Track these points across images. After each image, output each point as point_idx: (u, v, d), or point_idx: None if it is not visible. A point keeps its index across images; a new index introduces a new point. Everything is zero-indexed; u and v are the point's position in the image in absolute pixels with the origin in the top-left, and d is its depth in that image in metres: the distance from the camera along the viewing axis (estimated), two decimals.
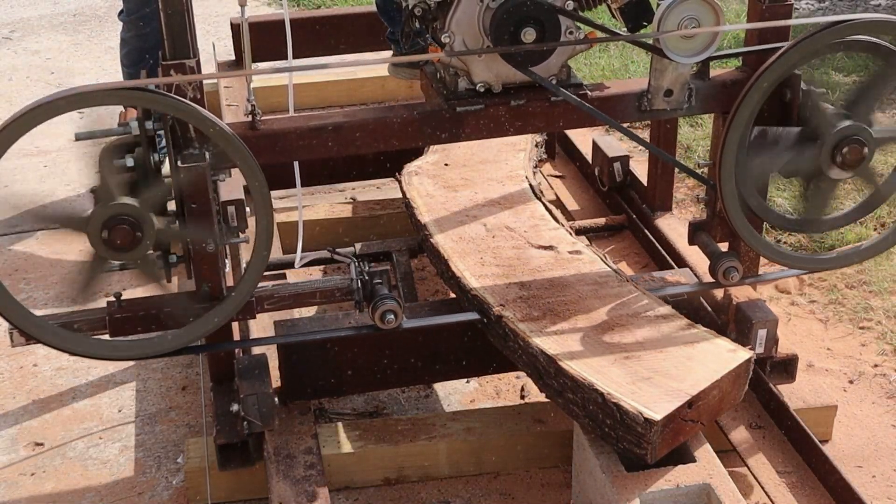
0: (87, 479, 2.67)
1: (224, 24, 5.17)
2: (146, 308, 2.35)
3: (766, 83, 2.37)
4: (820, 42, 2.35)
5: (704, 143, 4.01)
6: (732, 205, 2.48)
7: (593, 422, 2.29)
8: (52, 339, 2.28)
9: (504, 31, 2.32)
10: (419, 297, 3.12)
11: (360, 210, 3.57)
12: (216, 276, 2.33)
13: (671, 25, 2.34)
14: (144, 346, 2.35)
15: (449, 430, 2.62)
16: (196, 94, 2.25)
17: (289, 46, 2.60)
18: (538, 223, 2.91)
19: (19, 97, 4.81)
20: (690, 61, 2.42)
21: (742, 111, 2.39)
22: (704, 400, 2.29)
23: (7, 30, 5.63)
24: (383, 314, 2.40)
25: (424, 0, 2.43)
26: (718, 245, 2.71)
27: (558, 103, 2.46)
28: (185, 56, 2.23)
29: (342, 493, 2.59)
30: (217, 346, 2.52)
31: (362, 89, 4.53)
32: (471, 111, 2.44)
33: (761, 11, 2.53)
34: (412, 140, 2.47)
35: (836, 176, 2.45)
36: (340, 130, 2.39)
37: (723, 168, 2.44)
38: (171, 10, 2.19)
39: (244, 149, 2.21)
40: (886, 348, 3.05)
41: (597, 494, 2.32)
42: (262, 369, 2.48)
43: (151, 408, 2.90)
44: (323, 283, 2.47)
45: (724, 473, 2.27)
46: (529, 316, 2.50)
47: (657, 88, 2.49)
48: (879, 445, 2.73)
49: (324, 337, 2.55)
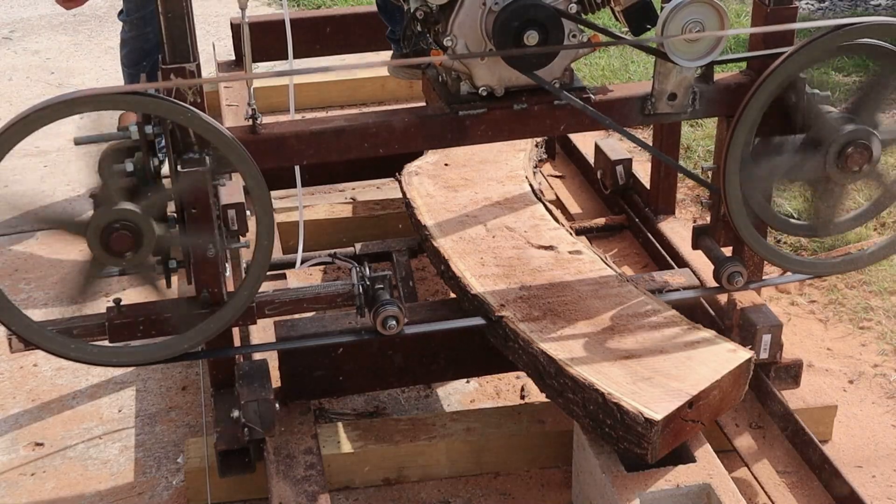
0: (87, 479, 2.67)
1: (224, 24, 5.17)
2: (146, 314, 2.33)
3: (771, 87, 2.36)
4: (825, 45, 2.33)
5: (704, 143, 4.01)
6: (737, 209, 2.46)
7: (594, 422, 2.29)
8: (50, 345, 2.26)
9: (507, 34, 2.31)
10: (419, 297, 3.12)
11: (360, 210, 3.57)
12: (216, 281, 2.32)
13: (675, 29, 2.32)
14: (145, 353, 2.33)
15: (449, 430, 2.62)
16: (196, 98, 2.22)
17: (289, 46, 2.60)
18: (538, 223, 2.91)
19: (19, 97, 4.81)
20: (695, 65, 2.40)
21: (746, 115, 2.38)
22: (705, 400, 2.29)
23: (7, 30, 5.63)
24: (385, 320, 2.38)
25: (426, 3, 2.41)
26: (722, 249, 2.69)
27: (561, 107, 2.45)
28: (185, 59, 2.20)
29: (342, 493, 2.59)
30: (217, 353, 2.50)
31: (363, 89, 4.53)
32: (473, 115, 2.42)
33: (766, 14, 2.51)
34: (414, 144, 2.45)
35: (842, 181, 2.43)
36: (342, 135, 2.38)
37: (727, 172, 2.42)
38: (170, 13, 2.17)
39: (245, 154, 2.18)
40: (886, 348, 3.05)
41: (597, 494, 2.33)
42: (263, 375, 2.46)
43: (151, 408, 2.90)
44: (324, 287, 2.46)
45: (724, 473, 2.27)
46: (530, 316, 2.50)
47: (661, 92, 2.47)
48: (879, 445, 2.73)
49: (325, 343, 2.54)
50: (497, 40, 2.32)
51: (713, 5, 2.32)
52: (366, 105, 4.50)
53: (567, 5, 2.36)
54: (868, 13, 5.46)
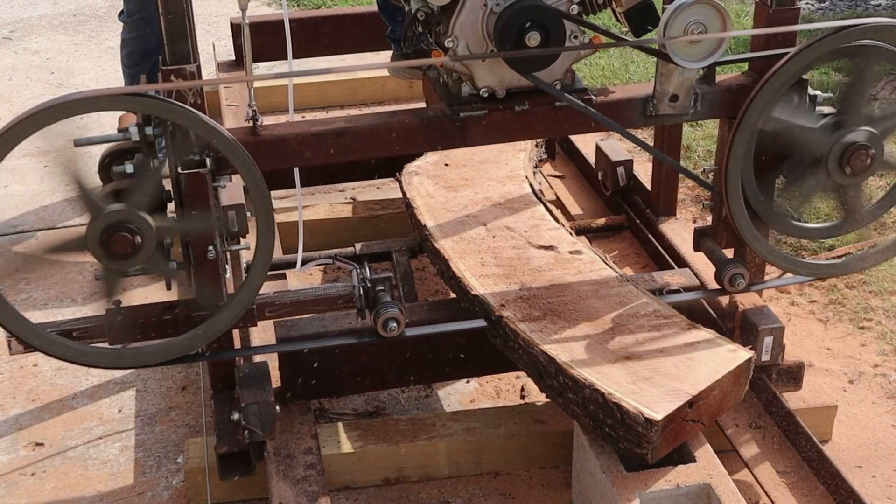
0: (87, 479, 2.67)
1: (224, 24, 5.17)
2: (146, 316, 2.32)
3: (774, 88, 2.35)
4: (828, 46, 2.32)
5: (705, 143, 4.01)
6: (739, 212, 2.45)
7: (594, 422, 2.29)
8: (50, 348, 2.25)
9: (508, 35, 2.29)
10: (419, 297, 3.12)
11: (360, 210, 3.57)
12: (217, 283, 2.30)
13: (677, 30, 2.31)
14: (144, 355, 2.32)
15: (449, 430, 2.62)
16: (196, 100, 2.21)
17: (289, 46, 2.60)
18: (538, 223, 2.91)
19: (19, 97, 4.81)
20: (697, 66, 2.38)
21: (748, 117, 2.37)
22: (705, 400, 2.29)
23: (7, 30, 5.63)
24: (385, 322, 2.38)
25: (427, 4, 2.39)
26: (724, 251, 2.68)
27: (563, 108, 2.43)
28: (185, 61, 2.19)
29: (342, 493, 2.59)
30: (217, 355, 2.49)
31: (363, 89, 4.53)
32: (474, 116, 2.41)
33: (768, 16, 2.49)
34: (415, 146, 2.44)
35: (854, 181, 2.42)
36: (343, 136, 2.36)
37: (728, 174, 2.41)
38: (171, 14, 2.16)
39: (246, 156, 2.17)
40: (886, 348, 3.05)
41: (597, 494, 2.33)
42: (263, 377, 2.45)
43: (151, 408, 2.90)
44: (325, 289, 2.46)
45: (724, 473, 2.27)
46: (530, 316, 2.50)
47: (662, 93, 2.45)
48: (879, 445, 2.73)
49: (325, 345, 2.53)
50: (498, 41, 2.31)
51: (715, 6, 2.31)
52: (366, 105, 4.50)
53: (568, 6, 2.35)
54: (868, 13, 5.46)
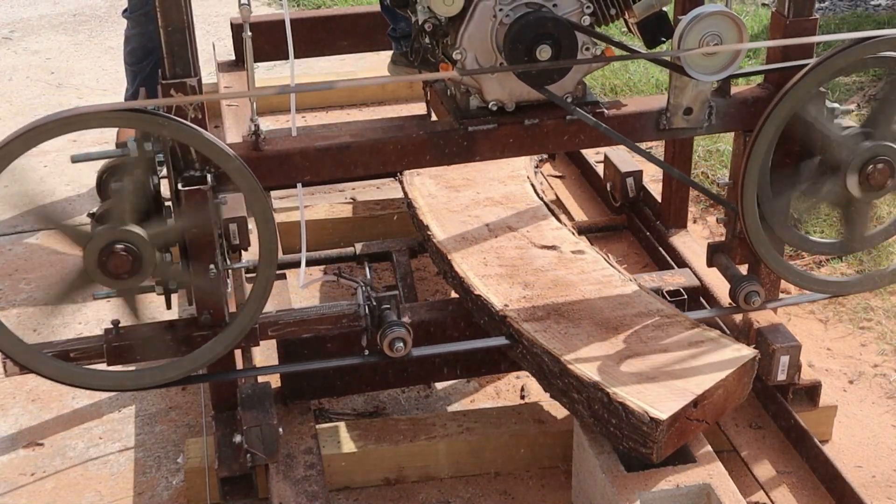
0: (87, 479, 2.67)
1: (224, 25, 5.17)
2: (145, 336, 2.26)
3: (792, 101, 2.28)
4: (849, 58, 2.26)
5: (705, 143, 4.01)
6: (755, 228, 2.39)
7: (598, 421, 2.29)
8: (47, 370, 2.21)
9: (518, 47, 2.23)
10: (419, 297, 3.12)
11: (360, 210, 3.57)
12: (218, 303, 2.26)
13: (692, 42, 2.24)
14: (143, 377, 2.29)
15: (449, 430, 2.62)
16: (197, 115, 2.14)
17: (289, 47, 2.59)
18: (540, 223, 2.91)
19: (19, 97, 4.81)
20: (712, 79, 2.32)
21: (766, 130, 2.30)
22: (710, 399, 2.28)
23: (7, 30, 5.63)
24: (392, 342, 2.33)
25: (435, 15, 2.32)
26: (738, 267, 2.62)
27: (574, 122, 2.37)
28: (185, 74, 2.12)
29: (342, 493, 2.58)
30: (218, 376, 2.45)
31: (363, 90, 4.53)
32: (483, 131, 2.35)
33: (785, 27, 2.42)
34: (422, 162, 2.37)
35: (867, 199, 2.37)
36: (347, 151, 2.30)
37: (745, 190, 2.35)
38: (170, 26, 2.09)
39: (250, 175, 2.12)
40: (886, 348, 3.05)
41: (597, 494, 2.32)
42: (266, 398, 2.41)
43: (151, 408, 2.90)
44: (329, 308, 2.40)
45: (724, 473, 2.27)
46: (534, 316, 2.50)
47: (676, 106, 2.39)
48: (879, 445, 2.73)
49: (329, 366, 2.50)
50: (508, 54, 2.25)
51: (731, 17, 2.24)
52: (366, 105, 4.50)
53: (580, 18, 2.30)
54: (868, 13, 5.47)
